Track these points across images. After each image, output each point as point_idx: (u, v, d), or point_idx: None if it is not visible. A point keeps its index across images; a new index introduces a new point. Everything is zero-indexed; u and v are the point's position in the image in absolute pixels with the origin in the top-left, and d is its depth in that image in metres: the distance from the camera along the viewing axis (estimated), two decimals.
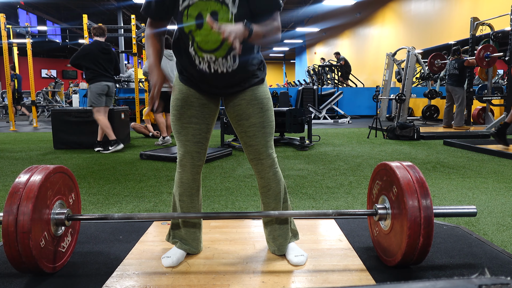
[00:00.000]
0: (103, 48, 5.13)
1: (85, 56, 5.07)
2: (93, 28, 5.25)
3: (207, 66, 1.45)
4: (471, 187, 3.17)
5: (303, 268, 1.61)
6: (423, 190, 1.44)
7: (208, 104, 1.59)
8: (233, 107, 1.58)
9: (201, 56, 1.43)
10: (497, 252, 1.74)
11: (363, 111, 11.85)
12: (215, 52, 1.42)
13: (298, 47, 27.07)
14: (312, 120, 8.20)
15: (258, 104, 1.56)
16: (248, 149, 1.61)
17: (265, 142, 1.60)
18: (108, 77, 5.16)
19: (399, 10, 13.16)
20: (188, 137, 1.58)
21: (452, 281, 0.41)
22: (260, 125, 1.57)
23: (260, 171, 1.63)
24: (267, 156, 1.61)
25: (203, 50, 1.42)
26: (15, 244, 1.35)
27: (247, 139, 1.59)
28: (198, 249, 1.75)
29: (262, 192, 1.69)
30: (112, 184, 3.39)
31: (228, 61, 1.44)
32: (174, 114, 1.59)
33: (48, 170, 1.50)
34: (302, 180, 3.47)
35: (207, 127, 1.61)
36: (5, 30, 8.18)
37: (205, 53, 1.43)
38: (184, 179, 1.64)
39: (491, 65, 7.05)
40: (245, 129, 1.58)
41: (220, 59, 1.43)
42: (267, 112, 1.59)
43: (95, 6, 17.23)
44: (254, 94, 1.56)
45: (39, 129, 8.80)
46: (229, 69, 1.46)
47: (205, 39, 1.40)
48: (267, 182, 1.65)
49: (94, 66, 5.07)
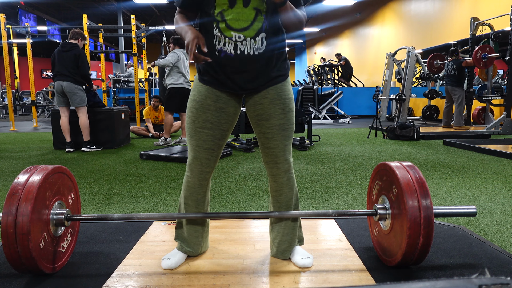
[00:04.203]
0: (62, 47, 5.15)
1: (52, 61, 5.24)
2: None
3: (233, 47, 1.41)
4: (471, 187, 3.17)
5: (303, 268, 1.61)
6: (423, 190, 1.44)
7: (226, 108, 1.52)
8: (254, 106, 1.53)
9: (229, 35, 1.40)
10: (497, 252, 1.74)
11: (363, 111, 11.85)
12: (245, 31, 1.40)
13: (298, 47, 27.08)
14: (312, 120, 8.20)
15: (280, 105, 1.51)
16: (265, 151, 1.57)
17: (284, 146, 1.55)
18: (64, 76, 5.10)
19: (399, 10, 13.16)
20: (199, 142, 1.53)
21: (452, 281, 0.41)
22: (280, 127, 1.52)
23: (275, 175, 1.59)
24: (284, 160, 1.57)
25: (233, 29, 1.39)
26: (14, 246, 1.35)
27: (265, 141, 1.55)
28: (198, 252, 1.72)
29: (273, 195, 1.65)
30: (112, 184, 3.38)
31: (257, 42, 1.41)
32: (189, 116, 1.55)
33: (47, 170, 1.49)
34: (302, 180, 3.47)
35: (222, 134, 1.55)
36: (5, 30, 8.18)
37: (234, 32, 1.40)
38: (191, 183, 1.61)
39: (488, 65, 7.05)
40: (264, 130, 1.54)
41: (248, 39, 1.40)
42: (289, 114, 1.54)
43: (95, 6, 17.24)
44: (278, 93, 1.51)
45: (39, 129, 8.79)
46: (255, 51, 1.42)
47: (236, 17, 1.38)
48: (280, 186, 1.61)
49: (54, 67, 5.19)
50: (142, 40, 9.34)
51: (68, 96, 5.14)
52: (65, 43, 5.17)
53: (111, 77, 11.41)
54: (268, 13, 1.41)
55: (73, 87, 5.11)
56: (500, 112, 7.70)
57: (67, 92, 5.11)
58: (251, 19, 1.39)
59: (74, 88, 5.11)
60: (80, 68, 5.14)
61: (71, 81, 5.09)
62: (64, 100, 5.19)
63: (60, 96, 5.17)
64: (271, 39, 1.44)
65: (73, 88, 5.11)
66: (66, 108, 5.26)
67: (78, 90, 5.15)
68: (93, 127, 5.45)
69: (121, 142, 5.80)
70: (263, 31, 1.41)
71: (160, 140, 5.87)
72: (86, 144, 5.28)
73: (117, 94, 10.93)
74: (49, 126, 8.31)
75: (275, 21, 1.43)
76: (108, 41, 25.13)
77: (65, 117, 5.25)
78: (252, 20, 1.39)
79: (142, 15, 19.71)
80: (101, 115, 5.55)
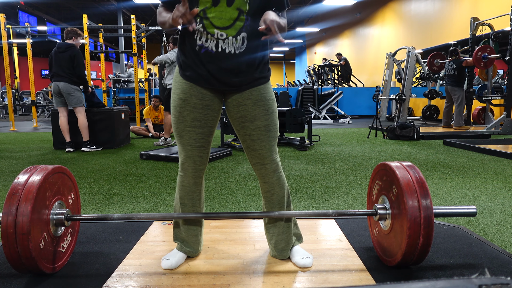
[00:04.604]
0: (58, 48, 5.14)
1: (49, 62, 5.23)
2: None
3: (214, 44, 1.42)
4: (471, 187, 3.17)
5: (303, 268, 1.61)
6: (423, 190, 1.44)
7: (211, 105, 1.53)
8: (237, 107, 1.53)
9: (211, 32, 1.41)
10: (497, 252, 1.74)
11: (363, 111, 11.85)
12: (227, 30, 1.41)
13: (298, 47, 27.08)
14: (312, 120, 8.20)
15: (264, 106, 1.52)
16: (251, 153, 1.57)
17: (270, 147, 1.56)
18: (61, 77, 5.09)
19: (399, 10, 13.16)
20: (190, 141, 1.54)
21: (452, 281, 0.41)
22: (265, 128, 1.53)
23: (264, 176, 1.60)
24: (271, 161, 1.58)
25: (215, 26, 1.40)
26: (14, 246, 1.35)
27: (251, 143, 1.55)
28: (197, 252, 1.73)
29: (265, 196, 1.66)
30: (112, 184, 3.38)
31: (238, 41, 1.42)
32: (176, 116, 1.54)
33: (47, 170, 1.49)
34: (302, 180, 3.47)
35: (210, 130, 1.56)
36: (5, 30, 8.18)
37: (216, 29, 1.41)
38: (185, 182, 1.61)
39: (488, 66, 7.06)
40: (249, 132, 1.54)
41: (230, 38, 1.42)
42: (273, 115, 1.55)
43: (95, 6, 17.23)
44: (261, 94, 1.52)
45: (39, 129, 8.79)
46: (236, 50, 1.43)
47: (219, 15, 1.39)
48: (270, 186, 1.62)
49: (51, 68, 5.19)
50: (142, 40, 9.33)
51: (65, 97, 5.15)
52: (61, 44, 5.17)
53: (111, 77, 11.40)
54: (250, 13, 1.42)
55: (69, 88, 5.11)
56: (500, 112, 7.70)
57: (64, 93, 5.12)
58: (233, 18, 1.40)
59: (70, 88, 5.11)
60: (75, 69, 5.14)
61: (68, 81, 5.10)
62: (62, 100, 5.20)
63: (58, 96, 5.18)
64: (253, 41, 1.45)
65: (70, 88, 5.11)
66: (65, 108, 5.26)
67: (75, 90, 5.15)
68: (93, 127, 5.45)
69: (121, 142, 5.80)
70: (244, 30, 1.43)
71: (160, 140, 5.88)
72: (85, 144, 5.28)
73: (117, 94, 10.93)
74: (49, 126, 8.31)
75: (257, 22, 1.43)
76: (108, 41, 25.13)
77: (64, 117, 5.25)
78: (234, 19, 1.41)
79: (142, 15, 19.71)
80: (101, 115, 5.55)
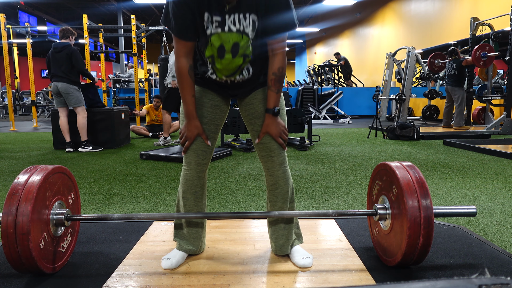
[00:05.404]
0: (54, 48, 5.13)
1: (47, 63, 5.22)
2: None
3: (223, 81, 1.55)
4: (471, 187, 3.17)
5: (303, 268, 1.61)
6: (423, 190, 1.44)
7: (220, 105, 1.63)
8: (246, 106, 1.63)
9: (220, 77, 1.54)
10: (497, 252, 1.74)
11: (363, 111, 11.85)
12: (234, 75, 1.53)
13: (298, 47, 27.08)
14: (312, 120, 8.20)
15: None
16: (259, 147, 1.63)
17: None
18: (59, 77, 5.09)
19: (399, 10, 13.16)
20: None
21: (452, 281, 0.41)
22: None
23: (270, 168, 1.64)
24: (279, 154, 1.62)
25: (223, 74, 1.52)
26: (14, 246, 1.35)
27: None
28: (200, 249, 1.74)
29: (270, 190, 1.69)
30: (112, 184, 3.38)
31: (244, 74, 1.53)
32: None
33: (47, 170, 1.49)
34: (302, 180, 3.47)
35: (216, 128, 1.64)
36: (5, 30, 8.18)
37: (224, 77, 1.53)
38: (188, 176, 1.64)
39: (487, 64, 7.05)
40: (257, 128, 1.62)
41: (238, 77, 1.54)
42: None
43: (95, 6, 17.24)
44: (266, 93, 1.59)
45: (39, 129, 8.79)
46: (244, 79, 1.55)
47: (226, 67, 1.49)
48: (275, 180, 1.65)
49: (49, 69, 5.18)
50: (142, 40, 9.33)
51: (64, 97, 5.15)
52: (57, 44, 5.16)
53: (111, 77, 11.41)
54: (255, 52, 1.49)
55: (68, 88, 5.10)
56: (500, 112, 7.70)
57: (63, 93, 5.12)
58: (239, 64, 1.50)
59: (69, 88, 5.10)
60: (75, 66, 5.13)
61: (66, 81, 5.10)
62: (61, 100, 5.20)
63: (58, 96, 5.18)
64: (257, 65, 1.55)
65: (68, 88, 5.11)
66: (65, 108, 5.26)
67: (74, 90, 5.14)
68: (93, 127, 5.45)
69: (121, 142, 5.80)
70: (249, 64, 1.52)
71: (160, 140, 5.88)
72: (82, 144, 5.28)
73: (117, 94, 10.93)
74: (49, 126, 8.31)
75: (261, 51, 1.51)
76: (108, 41, 25.13)
77: (64, 117, 5.25)
78: (240, 65, 1.50)
79: (142, 15, 19.71)
80: (101, 115, 5.54)
